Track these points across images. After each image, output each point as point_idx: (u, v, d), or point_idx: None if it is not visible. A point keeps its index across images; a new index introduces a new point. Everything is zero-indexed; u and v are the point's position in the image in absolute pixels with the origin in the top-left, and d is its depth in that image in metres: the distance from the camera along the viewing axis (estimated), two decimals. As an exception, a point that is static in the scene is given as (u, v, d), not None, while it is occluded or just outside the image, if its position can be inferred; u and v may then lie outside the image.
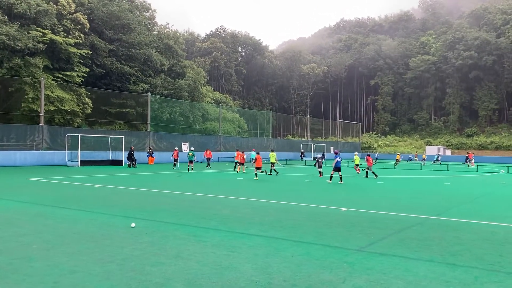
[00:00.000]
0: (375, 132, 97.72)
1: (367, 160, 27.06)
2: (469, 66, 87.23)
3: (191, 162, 30.32)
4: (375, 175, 25.88)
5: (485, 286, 5.47)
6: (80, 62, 45.67)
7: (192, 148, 35.07)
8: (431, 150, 75.61)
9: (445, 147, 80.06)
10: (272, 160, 28.43)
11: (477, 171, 36.42)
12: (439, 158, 55.42)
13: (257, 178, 23.78)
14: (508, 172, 35.38)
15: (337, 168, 21.73)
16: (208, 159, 37.03)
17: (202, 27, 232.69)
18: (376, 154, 64.60)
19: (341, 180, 21.60)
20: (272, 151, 30.34)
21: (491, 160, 65.74)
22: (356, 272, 5.97)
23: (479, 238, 8.57)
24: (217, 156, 48.06)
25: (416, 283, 5.54)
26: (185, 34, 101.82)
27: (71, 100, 42.46)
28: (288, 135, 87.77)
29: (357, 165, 29.17)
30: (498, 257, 7.04)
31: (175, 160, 33.68)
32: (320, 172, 25.84)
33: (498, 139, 79.12)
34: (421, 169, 38.15)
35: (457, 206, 13.65)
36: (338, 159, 21.92)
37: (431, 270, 6.17)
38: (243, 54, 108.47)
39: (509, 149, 73.77)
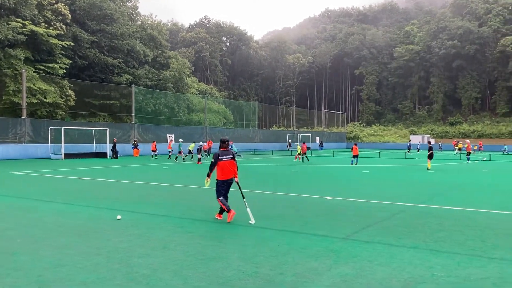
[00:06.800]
0: (360, 122, 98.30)
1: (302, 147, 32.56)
2: (452, 55, 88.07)
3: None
4: (307, 159, 32.29)
5: (467, 271, 5.58)
6: (62, 54, 44.94)
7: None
8: (416, 139, 76.38)
9: (429, 135, 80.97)
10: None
11: (460, 159, 36.97)
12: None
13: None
14: (490, 160, 35.97)
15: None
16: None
17: (186, 17, 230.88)
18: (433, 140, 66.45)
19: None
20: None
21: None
22: (342, 260, 6.05)
23: (462, 224, 8.73)
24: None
25: (401, 269, 5.63)
26: (169, 25, 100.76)
27: (54, 93, 41.82)
28: (274, 126, 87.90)
29: (299, 154, 32.74)
30: (479, 242, 7.19)
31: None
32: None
33: (481, 127, 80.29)
34: (405, 158, 38.58)
35: (441, 194, 13.86)
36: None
37: (415, 256, 6.28)
38: (228, 44, 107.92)
39: (491, 137, 74.94)
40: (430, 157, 24.84)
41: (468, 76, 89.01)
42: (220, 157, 8.85)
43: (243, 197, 9.05)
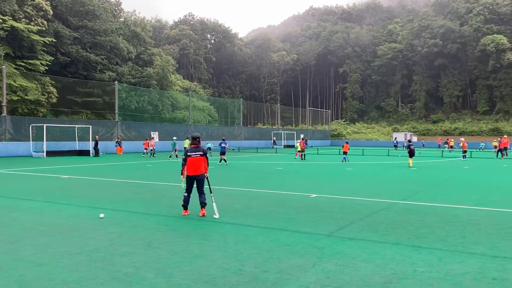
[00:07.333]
0: (344, 120, 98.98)
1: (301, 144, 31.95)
2: (434, 54, 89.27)
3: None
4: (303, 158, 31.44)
5: (448, 267, 5.66)
6: (43, 50, 44.21)
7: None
8: (399, 137, 77.16)
9: (411, 133, 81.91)
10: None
11: (442, 156, 37.49)
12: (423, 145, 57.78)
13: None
14: (471, 157, 36.53)
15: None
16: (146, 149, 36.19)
17: (170, 14, 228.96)
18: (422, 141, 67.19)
19: (226, 162, 26.31)
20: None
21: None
22: (326, 257, 6.08)
23: (443, 220, 8.86)
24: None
25: (384, 265, 5.68)
26: (153, 21, 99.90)
27: (35, 89, 41.10)
28: (259, 123, 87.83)
29: (299, 151, 31.93)
30: (461, 238, 7.30)
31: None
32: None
33: (462, 125, 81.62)
34: (388, 155, 38.97)
35: (423, 191, 14.03)
36: (223, 144, 26.61)
37: (398, 252, 6.35)
38: (213, 41, 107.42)
39: (472, 134, 76.16)
40: (411, 155, 25.29)
41: (450, 75, 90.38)
42: (189, 154, 9.22)
43: (211, 192, 9.46)
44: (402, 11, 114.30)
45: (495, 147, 38.67)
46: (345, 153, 29.89)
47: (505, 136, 44.40)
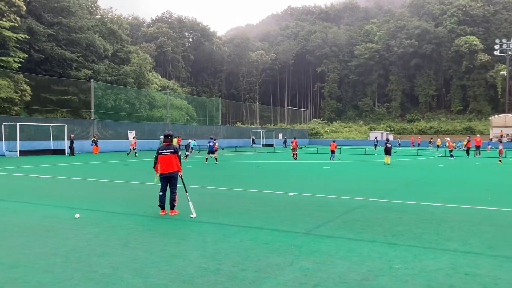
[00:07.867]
0: (321, 119, 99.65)
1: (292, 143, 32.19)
2: (410, 54, 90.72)
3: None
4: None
5: (423, 263, 5.79)
6: (16, 47, 43.12)
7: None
8: (379, 136, 78.09)
9: (388, 132, 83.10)
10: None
11: (417, 155, 38.15)
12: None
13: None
14: (445, 156, 37.29)
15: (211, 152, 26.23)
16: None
17: (147, 12, 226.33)
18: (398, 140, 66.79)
19: (206, 161, 26.34)
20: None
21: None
22: (303, 255, 6.13)
23: (419, 218, 9.03)
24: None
25: (360, 263, 5.77)
26: (130, 19, 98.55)
27: (8, 87, 40.06)
28: (238, 122, 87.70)
29: (293, 149, 32.08)
30: (435, 235, 7.46)
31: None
32: None
33: (437, 124, 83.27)
34: (365, 154, 39.46)
35: (399, 189, 14.27)
36: (211, 143, 26.11)
37: (374, 250, 6.45)
38: (191, 40, 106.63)
39: (446, 133, 77.66)
40: (387, 153, 25.93)
41: (425, 75, 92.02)
42: (160, 151, 9.39)
43: (186, 191, 9.53)
44: (378, 11, 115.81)
45: (464, 145, 39.68)
46: (332, 151, 31.01)
47: (478, 135, 45.44)
